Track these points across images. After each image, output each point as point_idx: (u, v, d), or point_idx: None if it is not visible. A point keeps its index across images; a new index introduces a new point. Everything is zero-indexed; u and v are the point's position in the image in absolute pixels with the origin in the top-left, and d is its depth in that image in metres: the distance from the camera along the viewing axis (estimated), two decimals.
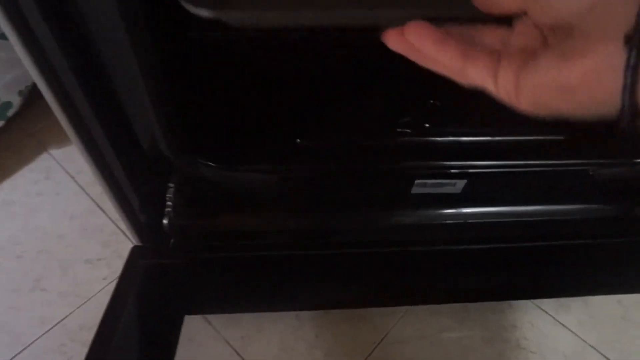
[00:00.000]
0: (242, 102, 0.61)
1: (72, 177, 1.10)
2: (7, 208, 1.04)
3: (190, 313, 0.54)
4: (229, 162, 0.56)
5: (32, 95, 1.08)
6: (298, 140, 0.60)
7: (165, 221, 0.60)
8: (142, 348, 0.49)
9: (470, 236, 0.69)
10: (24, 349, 0.86)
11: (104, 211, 1.05)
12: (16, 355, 0.85)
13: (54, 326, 0.89)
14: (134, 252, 0.60)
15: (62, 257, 0.98)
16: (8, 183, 1.08)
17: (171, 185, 0.61)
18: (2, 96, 0.97)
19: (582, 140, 0.66)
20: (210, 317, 0.91)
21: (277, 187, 0.59)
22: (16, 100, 1.01)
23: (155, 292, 0.54)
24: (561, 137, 0.66)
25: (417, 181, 0.63)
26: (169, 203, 0.61)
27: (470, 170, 0.63)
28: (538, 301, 0.99)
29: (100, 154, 0.55)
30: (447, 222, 0.71)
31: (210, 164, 0.56)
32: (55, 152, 1.14)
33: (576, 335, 0.95)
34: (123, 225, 0.65)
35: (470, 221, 0.71)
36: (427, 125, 0.63)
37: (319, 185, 0.62)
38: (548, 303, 0.99)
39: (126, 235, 1.00)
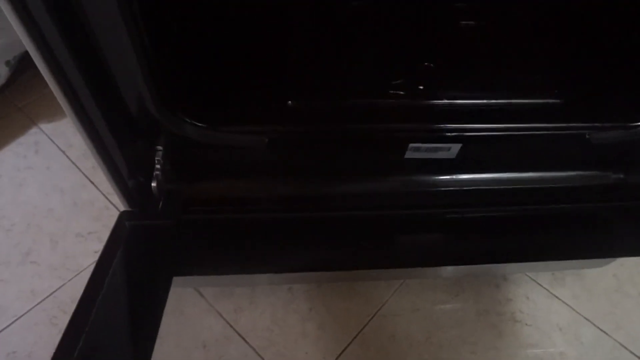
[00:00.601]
0: (232, 62, 0.59)
1: (63, 152, 1.08)
2: None
3: (179, 274, 0.53)
4: (217, 122, 0.55)
5: (20, 68, 1.05)
6: (289, 102, 0.58)
7: (153, 184, 0.59)
8: (129, 307, 0.48)
9: (465, 202, 0.68)
10: (15, 320, 0.85)
11: (95, 185, 1.03)
12: (7, 327, 0.84)
13: (45, 299, 0.88)
14: (122, 215, 0.59)
15: (52, 230, 0.96)
16: None
17: (160, 148, 0.60)
18: None
19: (580, 104, 0.65)
20: (203, 289, 0.91)
21: (266, 150, 0.58)
22: (4, 71, 0.98)
23: (142, 252, 0.53)
24: (558, 101, 0.65)
25: (410, 145, 0.62)
26: (157, 166, 0.60)
27: (465, 134, 0.62)
28: (533, 275, 0.99)
29: (88, 118, 0.54)
30: (442, 188, 0.70)
31: (198, 124, 0.54)
32: (45, 127, 1.12)
33: (571, 307, 0.95)
34: (114, 196, 0.64)
35: (465, 188, 0.70)
36: (421, 87, 0.61)
37: (310, 149, 0.61)
38: (543, 277, 0.99)
39: (117, 209, 0.99)
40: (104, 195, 1.02)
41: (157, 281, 0.51)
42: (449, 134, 0.62)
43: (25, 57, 1.03)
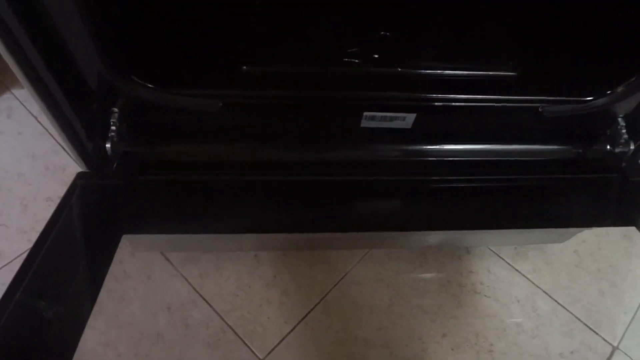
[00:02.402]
0: (186, 24, 0.59)
1: (35, 117, 1.09)
2: None
3: (128, 232, 0.55)
4: (169, 84, 0.55)
5: None
6: (244, 67, 0.59)
7: (108, 145, 0.60)
8: (76, 258, 0.50)
9: (424, 172, 0.69)
10: None
11: (67, 151, 1.04)
12: None
13: (13, 260, 0.89)
14: (77, 176, 0.60)
15: (22, 194, 0.97)
16: None
17: (115, 110, 0.61)
18: None
19: (534, 78, 0.65)
20: (170, 255, 0.92)
21: (221, 114, 0.59)
22: None
23: (92, 210, 0.54)
24: (513, 73, 0.65)
25: (365, 113, 0.63)
26: (112, 128, 0.60)
27: (419, 104, 0.63)
28: (496, 249, 1.02)
29: (41, 81, 0.54)
30: (400, 158, 0.71)
31: (150, 86, 0.55)
32: (18, 92, 1.12)
33: (530, 281, 0.98)
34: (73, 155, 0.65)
35: (422, 158, 0.72)
36: (376, 56, 0.62)
37: (265, 115, 0.62)
38: (506, 251, 1.02)
39: None
40: (75, 162, 1.02)
41: (106, 236, 0.52)
42: (403, 103, 0.63)
43: None
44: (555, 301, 0.95)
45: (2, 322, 0.46)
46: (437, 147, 0.72)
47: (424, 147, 0.72)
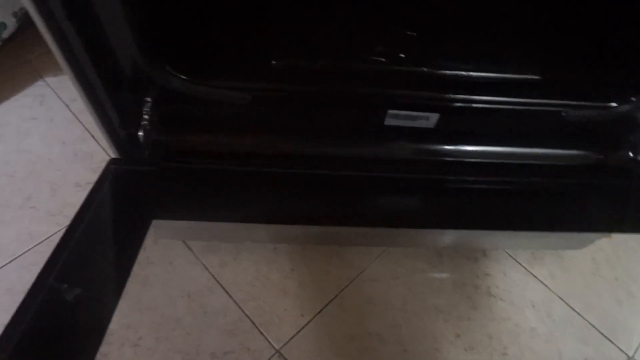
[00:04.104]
0: (219, 19, 0.61)
1: (66, 105, 1.12)
2: (1, 130, 1.06)
3: (158, 217, 0.57)
4: (201, 75, 0.57)
5: (29, 20, 1.08)
6: (273, 62, 0.61)
7: (140, 133, 0.62)
8: (108, 240, 0.52)
9: (446, 171, 0.70)
10: (12, 260, 0.90)
11: (95, 139, 1.07)
12: (4, 265, 0.89)
13: (42, 242, 0.93)
14: (110, 161, 0.62)
15: (52, 179, 1.01)
16: (3, 107, 1.10)
17: (148, 100, 0.63)
18: None
19: (558, 82, 0.66)
20: (191, 243, 0.95)
21: (249, 106, 0.61)
22: (11, 22, 1.01)
23: (125, 194, 0.56)
24: (538, 77, 0.66)
25: (390, 111, 0.64)
26: (145, 117, 0.63)
27: (443, 104, 0.64)
28: (512, 252, 1.02)
29: (82, 70, 0.57)
30: (421, 157, 0.72)
31: (183, 77, 0.57)
32: (51, 80, 1.16)
33: (546, 286, 0.98)
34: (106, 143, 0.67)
35: (444, 158, 0.73)
36: (402, 55, 0.63)
37: (292, 108, 0.63)
38: (522, 255, 1.02)
39: None
40: (103, 149, 1.06)
41: (137, 221, 0.55)
42: (427, 102, 0.64)
43: None
44: (571, 307, 0.95)
45: (36, 306, 0.48)
46: (458, 147, 0.73)
47: (446, 147, 0.72)
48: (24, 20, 1.06)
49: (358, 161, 0.70)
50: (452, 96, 0.64)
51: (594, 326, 0.94)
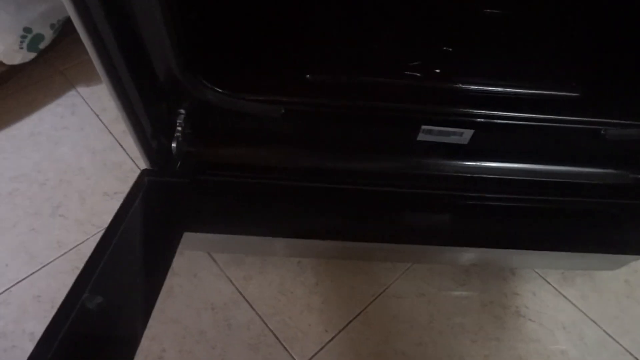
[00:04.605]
0: (255, 33, 0.62)
1: (97, 115, 1.14)
2: (34, 139, 1.09)
3: (190, 230, 0.57)
4: (236, 88, 0.57)
5: (64, 31, 1.11)
6: (308, 76, 0.61)
7: (173, 145, 0.62)
8: (141, 253, 0.52)
9: (477, 188, 0.69)
10: (41, 268, 0.91)
11: (124, 149, 1.09)
12: (33, 273, 0.90)
13: (70, 250, 0.94)
14: (143, 172, 0.63)
15: (81, 188, 1.02)
16: (36, 115, 1.13)
17: (182, 111, 0.63)
18: (34, 28, 1.00)
19: (598, 99, 0.64)
20: (216, 255, 0.95)
21: (282, 120, 0.60)
22: (48, 33, 1.04)
23: (158, 206, 0.56)
24: (576, 94, 0.65)
25: (423, 127, 0.64)
26: (178, 129, 0.63)
27: (479, 120, 0.63)
28: (542, 272, 0.99)
29: (119, 79, 0.57)
30: (453, 174, 0.71)
31: (218, 89, 0.57)
32: (83, 90, 1.18)
33: (577, 308, 0.95)
34: (141, 160, 0.67)
35: (476, 175, 0.71)
36: (437, 70, 0.62)
37: (325, 123, 0.63)
38: (553, 275, 0.99)
39: None
40: (131, 159, 1.07)
41: (168, 234, 0.55)
42: (462, 118, 0.63)
43: (68, 21, 1.09)
44: (604, 331, 0.92)
45: (70, 319, 0.48)
46: (491, 165, 0.72)
47: (478, 164, 0.71)
48: (60, 32, 1.09)
49: (388, 177, 0.69)
50: (487, 112, 0.63)
51: (628, 351, 0.90)
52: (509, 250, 0.87)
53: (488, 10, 0.65)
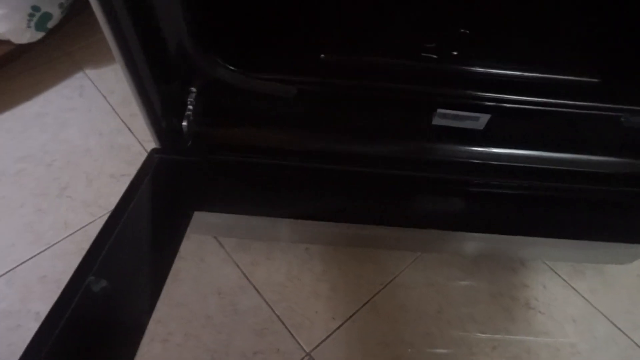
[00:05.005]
0: (270, 11, 0.60)
1: (104, 97, 1.13)
2: (41, 119, 1.08)
3: (200, 209, 0.56)
4: (249, 67, 0.56)
5: (72, 12, 1.10)
6: (322, 55, 0.59)
7: (184, 123, 0.61)
8: (151, 230, 0.51)
9: (491, 175, 0.68)
10: (47, 248, 0.90)
11: (131, 131, 1.07)
12: (39, 253, 0.90)
13: (76, 231, 0.93)
14: (153, 152, 0.62)
15: (88, 169, 1.01)
16: (43, 96, 1.12)
17: (193, 90, 0.62)
18: (43, 6, 0.99)
19: (617, 85, 0.63)
20: (223, 240, 0.94)
21: (294, 101, 0.59)
22: (56, 12, 1.03)
23: (168, 183, 0.55)
24: (596, 80, 0.63)
25: (438, 110, 0.62)
26: (189, 107, 0.62)
27: (495, 104, 0.62)
28: (552, 264, 0.98)
29: (130, 54, 0.56)
30: (467, 160, 0.69)
31: (231, 67, 0.56)
32: (90, 72, 1.17)
33: (588, 301, 0.94)
34: (149, 143, 0.66)
35: (491, 162, 0.70)
36: (454, 53, 0.61)
37: (338, 104, 0.62)
38: (562, 267, 0.98)
39: None
40: (139, 141, 1.06)
41: (178, 213, 0.54)
42: (479, 102, 0.62)
43: (76, 1, 1.08)
44: (615, 325, 0.91)
45: (75, 301, 0.47)
46: (506, 151, 0.70)
47: (493, 150, 0.70)
48: (69, 12, 1.08)
49: (400, 161, 0.67)
50: (505, 97, 0.62)
51: (639, 346, 0.89)
52: (519, 239, 0.86)
53: None
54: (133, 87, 0.59)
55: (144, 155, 1.04)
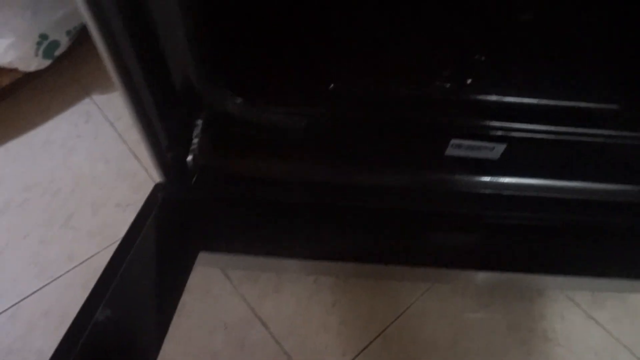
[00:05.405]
0: (277, 41, 0.59)
1: (111, 123, 1.12)
2: (48, 147, 1.07)
3: (206, 249, 0.54)
4: (258, 99, 0.54)
5: (79, 39, 1.09)
6: (332, 85, 0.58)
7: (189, 158, 0.59)
8: (154, 275, 0.49)
9: (507, 207, 0.65)
10: (51, 282, 0.88)
11: (138, 158, 1.06)
12: (42, 287, 0.88)
13: (81, 263, 0.91)
14: (156, 187, 0.60)
15: (94, 198, 1.00)
16: (50, 123, 1.11)
17: (199, 122, 0.60)
18: (50, 34, 0.99)
19: (638, 111, 0.60)
20: (230, 272, 0.91)
21: (305, 133, 0.57)
22: (64, 40, 1.02)
23: (172, 224, 0.53)
24: (615, 106, 0.61)
25: (452, 141, 0.60)
26: (195, 140, 0.60)
27: (512, 134, 0.59)
28: (571, 293, 0.94)
29: (134, 85, 0.55)
30: (482, 190, 0.67)
31: (239, 99, 0.54)
32: (97, 98, 1.16)
33: (609, 332, 0.90)
34: (153, 168, 0.65)
35: (506, 193, 0.67)
36: (469, 80, 0.59)
37: (349, 136, 0.60)
38: (582, 296, 0.94)
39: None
40: (145, 168, 1.04)
41: (183, 253, 0.52)
42: (495, 132, 0.60)
43: (85, 28, 1.08)
44: (638, 358, 0.87)
45: (83, 338, 0.45)
46: (522, 181, 0.68)
47: (508, 180, 0.67)
48: (76, 39, 1.08)
49: (413, 194, 0.65)
50: (521, 126, 0.60)
51: None
52: None
53: (523, 17, 0.61)
54: (136, 120, 0.58)
55: (150, 183, 1.03)
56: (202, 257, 0.84)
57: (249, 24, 0.57)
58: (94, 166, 1.04)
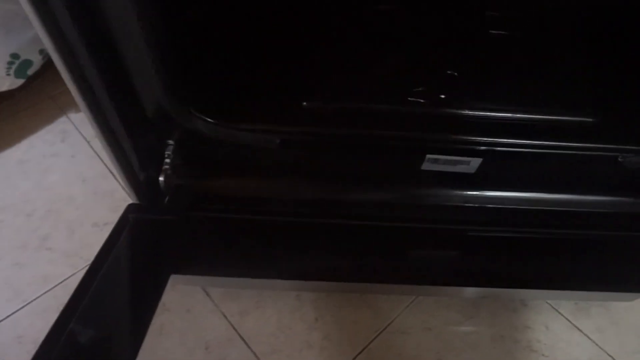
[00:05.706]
0: (247, 59, 0.58)
1: (88, 142, 1.10)
2: (22, 167, 1.05)
3: (178, 272, 0.52)
4: (228, 119, 0.53)
5: None
6: (304, 103, 0.57)
7: (161, 178, 0.58)
8: (124, 297, 0.47)
9: (484, 221, 0.65)
10: (25, 305, 0.86)
11: (115, 177, 1.04)
12: (16, 311, 0.85)
13: (56, 286, 0.89)
14: (129, 208, 0.59)
15: (70, 218, 0.97)
16: (25, 142, 1.09)
17: (171, 142, 0.59)
18: (22, 54, 0.97)
19: (614, 124, 0.60)
20: (210, 290, 0.90)
21: (278, 150, 0.56)
22: (37, 59, 1.01)
23: (143, 247, 0.52)
24: (590, 119, 0.61)
25: (428, 156, 0.59)
26: (167, 161, 0.59)
27: (487, 148, 0.59)
28: (555, 303, 0.94)
29: (101, 109, 0.54)
30: (459, 204, 0.66)
31: (209, 119, 0.53)
32: (73, 117, 1.15)
33: (594, 342, 0.89)
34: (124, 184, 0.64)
35: (483, 205, 0.67)
36: (442, 96, 0.58)
37: (323, 153, 0.59)
38: (565, 306, 0.94)
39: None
40: (123, 187, 1.03)
41: (155, 275, 0.50)
42: (470, 147, 0.59)
43: None
44: None
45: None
46: (500, 194, 0.67)
47: (485, 193, 0.67)
48: (49, 58, 1.06)
49: (390, 210, 0.65)
50: (496, 140, 0.59)
51: None
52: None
53: (495, 32, 0.61)
54: (104, 143, 0.56)
55: (128, 202, 1.01)
56: (182, 275, 0.83)
57: (216, 45, 0.57)
58: (70, 185, 1.02)
